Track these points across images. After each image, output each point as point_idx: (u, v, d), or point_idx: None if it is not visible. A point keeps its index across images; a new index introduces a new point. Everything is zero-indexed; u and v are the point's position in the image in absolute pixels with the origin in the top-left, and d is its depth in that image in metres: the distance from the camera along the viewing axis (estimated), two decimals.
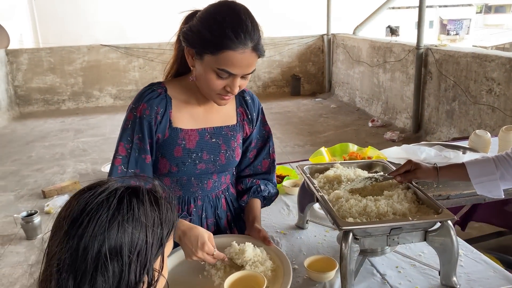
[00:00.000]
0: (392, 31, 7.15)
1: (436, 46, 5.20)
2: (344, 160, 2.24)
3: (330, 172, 1.53)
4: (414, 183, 1.43)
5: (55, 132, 6.62)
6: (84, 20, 10.57)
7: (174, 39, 1.29)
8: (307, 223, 1.63)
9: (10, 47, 7.94)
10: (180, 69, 1.32)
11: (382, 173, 1.51)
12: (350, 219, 1.23)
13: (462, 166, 1.38)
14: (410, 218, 1.20)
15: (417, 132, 5.48)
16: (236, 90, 1.18)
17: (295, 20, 10.32)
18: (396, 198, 1.34)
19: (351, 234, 1.18)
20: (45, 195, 4.20)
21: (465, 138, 4.51)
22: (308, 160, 2.24)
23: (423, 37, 5.20)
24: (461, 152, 2.01)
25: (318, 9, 9.74)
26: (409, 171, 1.40)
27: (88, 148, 5.73)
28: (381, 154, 2.15)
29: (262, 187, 1.47)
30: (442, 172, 1.39)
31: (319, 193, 1.35)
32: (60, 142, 6.08)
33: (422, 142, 2.37)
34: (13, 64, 7.78)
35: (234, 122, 1.37)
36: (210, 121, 1.32)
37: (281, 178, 2.05)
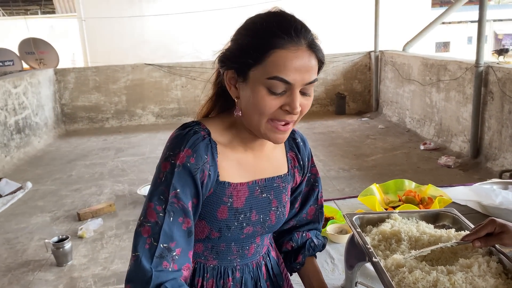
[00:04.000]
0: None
1: (498, 63, 4.73)
2: (400, 199, 1.92)
3: (387, 226, 1.23)
4: (498, 247, 1.11)
5: (96, 151, 6.64)
6: (131, 40, 10.81)
7: (212, 78, 1.04)
8: (356, 285, 1.33)
9: (63, 66, 8.16)
10: (216, 107, 1.05)
11: (452, 233, 1.20)
12: None
13: None
14: None
15: (476, 158, 4.98)
16: (298, 109, 0.89)
17: (340, 37, 10.00)
18: (477, 270, 1.02)
19: None
20: (80, 218, 4.10)
21: None
22: (356, 198, 1.94)
23: (483, 54, 4.75)
24: None
25: (364, 26, 9.38)
26: (492, 234, 1.08)
27: (127, 168, 5.66)
28: (444, 195, 1.81)
29: (315, 241, 1.20)
30: None
31: (374, 258, 1.06)
32: (101, 161, 6.06)
33: (494, 180, 2.00)
34: (60, 82, 7.97)
35: (286, 170, 1.08)
36: (261, 172, 1.03)
37: (325, 221, 1.76)
